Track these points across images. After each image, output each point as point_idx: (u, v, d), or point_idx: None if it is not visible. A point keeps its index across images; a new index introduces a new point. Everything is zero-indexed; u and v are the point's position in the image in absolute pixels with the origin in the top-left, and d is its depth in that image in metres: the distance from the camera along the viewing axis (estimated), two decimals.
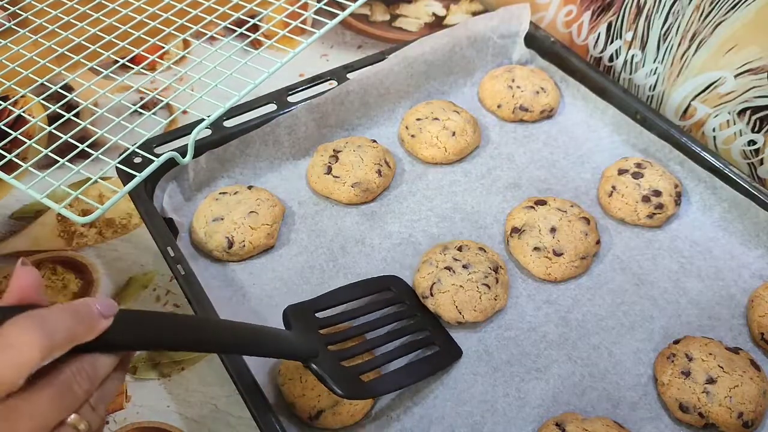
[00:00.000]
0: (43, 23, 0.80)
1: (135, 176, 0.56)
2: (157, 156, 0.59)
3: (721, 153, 0.68)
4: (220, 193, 0.60)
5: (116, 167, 0.59)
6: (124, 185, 0.57)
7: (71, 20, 0.80)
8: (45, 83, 0.76)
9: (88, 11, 0.82)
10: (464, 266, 0.54)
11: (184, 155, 0.60)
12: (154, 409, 0.52)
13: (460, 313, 0.53)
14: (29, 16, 0.78)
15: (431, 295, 0.54)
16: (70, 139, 0.64)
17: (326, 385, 0.45)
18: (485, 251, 0.56)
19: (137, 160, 0.59)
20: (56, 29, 0.79)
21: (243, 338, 0.43)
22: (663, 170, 0.63)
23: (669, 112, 0.72)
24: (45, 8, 0.81)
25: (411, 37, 0.83)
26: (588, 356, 0.53)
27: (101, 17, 0.81)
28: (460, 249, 0.56)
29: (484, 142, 0.69)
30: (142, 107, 0.64)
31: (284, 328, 0.48)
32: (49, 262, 0.60)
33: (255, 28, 0.76)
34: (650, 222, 0.61)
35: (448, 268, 0.54)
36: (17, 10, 0.81)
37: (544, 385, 0.51)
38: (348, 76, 0.68)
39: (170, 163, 0.60)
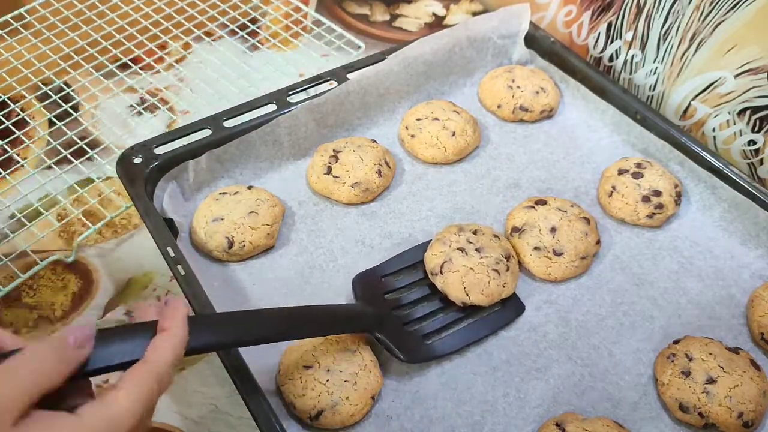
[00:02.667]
0: (44, 26, 0.80)
1: (135, 176, 0.56)
2: (157, 156, 0.59)
3: (721, 153, 0.68)
4: (220, 194, 0.60)
5: (116, 168, 0.59)
6: (124, 185, 0.58)
7: (74, 21, 0.80)
8: (45, 84, 0.76)
9: (90, 14, 0.82)
10: (477, 249, 0.55)
11: (184, 156, 0.60)
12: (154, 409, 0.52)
13: (467, 294, 0.53)
14: (32, 20, 0.78)
15: (441, 273, 0.54)
16: (70, 140, 0.64)
17: (392, 353, 0.50)
18: (499, 239, 0.57)
19: (137, 160, 0.59)
20: (58, 30, 0.79)
21: (316, 320, 0.47)
22: (663, 170, 0.63)
23: (669, 112, 0.72)
24: (46, 9, 0.81)
25: (411, 37, 0.83)
26: (588, 356, 0.53)
27: (103, 19, 0.81)
28: (475, 233, 0.56)
29: (484, 142, 0.69)
30: (142, 108, 0.64)
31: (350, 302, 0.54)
32: (49, 262, 0.60)
33: (254, 33, 0.76)
34: (650, 222, 0.61)
35: (461, 249, 0.55)
36: (23, 12, 0.81)
37: (544, 385, 0.51)
38: (348, 76, 0.68)
39: (170, 164, 0.60)
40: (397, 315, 0.53)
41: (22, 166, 0.69)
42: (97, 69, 0.77)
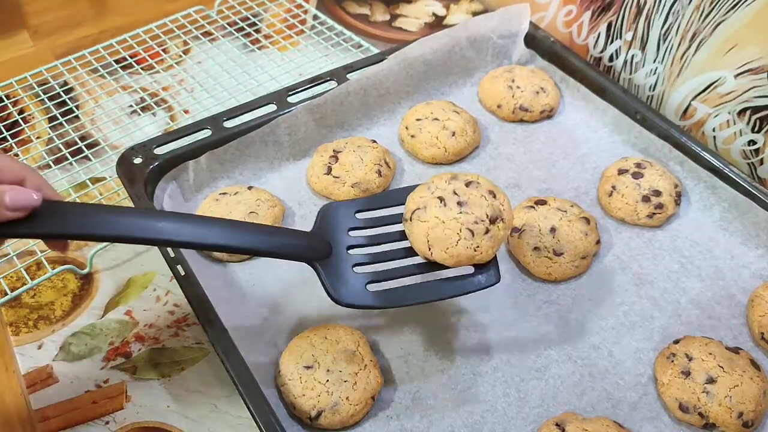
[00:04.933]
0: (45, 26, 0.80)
1: (135, 176, 0.56)
2: (157, 156, 0.60)
3: (721, 153, 0.68)
4: (220, 194, 0.60)
5: (116, 168, 0.59)
6: (124, 185, 0.58)
7: (74, 20, 0.80)
8: (46, 83, 0.76)
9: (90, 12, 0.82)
10: (459, 203, 0.48)
11: (185, 157, 0.60)
12: (154, 409, 0.52)
13: (429, 248, 0.48)
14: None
15: (410, 220, 0.49)
16: (70, 140, 0.64)
17: (324, 288, 0.47)
18: (495, 197, 0.49)
19: (137, 160, 0.59)
20: (58, 29, 0.79)
21: (230, 230, 0.44)
22: (663, 170, 0.63)
23: (669, 112, 0.72)
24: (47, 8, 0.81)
25: (411, 37, 0.83)
26: (588, 356, 0.53)
27: (104, 18, 0.81)
28: (468, 184, 0.49)
29: (484, 142, 0.69)
30: (142, 108, 0.65)
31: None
32: (49, 262, 0.60)
33: (255, 32, 0.76)
34: (650, 222, 0.61)
35: (441, 199, 0.48)
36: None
37: (544, 385, 0.51)
38: (348, 76, 0.68)
39: (170, 164, 0.60)
40: (348, 253, 0.49)
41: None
42: (98, 69, 0.77)
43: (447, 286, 0.48)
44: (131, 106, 0.76)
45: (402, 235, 0.50)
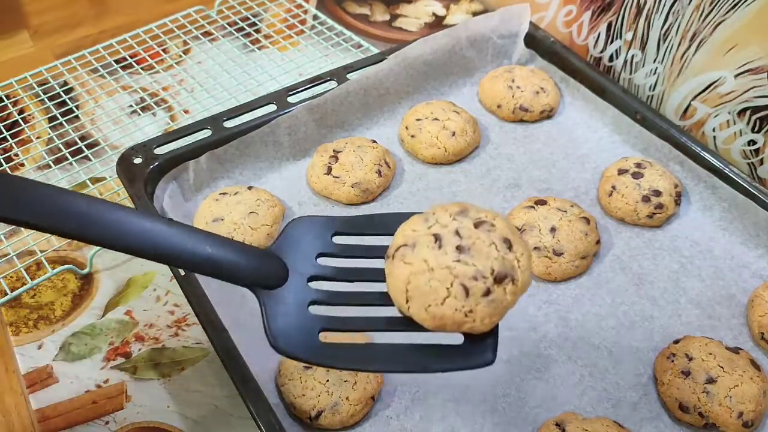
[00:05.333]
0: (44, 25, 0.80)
1: (135, 176, 0.56)
2: (157, 156, 0.59)
3: (721, 153, 0.68)
4: (220, 194, 0.60)
5: (116, 168, 0.59)
6: (124, 185, 0.58)
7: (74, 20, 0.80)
8: (46, 83, 0.76)
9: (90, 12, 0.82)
10: (458, 247, 0.37)
11: (185, 157, 0.60)
12: (154, 409, 0.52)
13: (406, 301, 0.37)
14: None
15: (393, 257, 0.38)
16: (70, 140, 0.64)
17: (264, 327, 0.37)
18: (511, 248, 0.37)
19: (137, 160, 0.59)
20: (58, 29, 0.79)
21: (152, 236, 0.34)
22: (663, 170, 0.63)
23: (669, 112, 0.72)
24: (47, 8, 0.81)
25: (411, 37, 0.83)
26: (588, 356, 0.53)
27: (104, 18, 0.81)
28: (478, 224, 0.37)
29: (484, 142, 0.69)
30: (142, 108, 0.65)
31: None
32: (49, 262, 0.60)
33: (255, 32, 0.76)
34: (650, 222, 0.61)
35: (436, 237, 0.37)
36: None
37: (544, 385, 0.51)
38: (348, 76, 0.68)
39: (170, 164, 0.60)
40: (308, 286, 0.38)
41: (23, 164, 0.69)
42: (98, 69, 0.77)
43: (421, 356, 0.37)
44: (131, 106, 0.76)
45: (378, 274, 0.38)
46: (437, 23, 0.88)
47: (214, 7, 0.86)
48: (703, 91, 0.68)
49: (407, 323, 0.37)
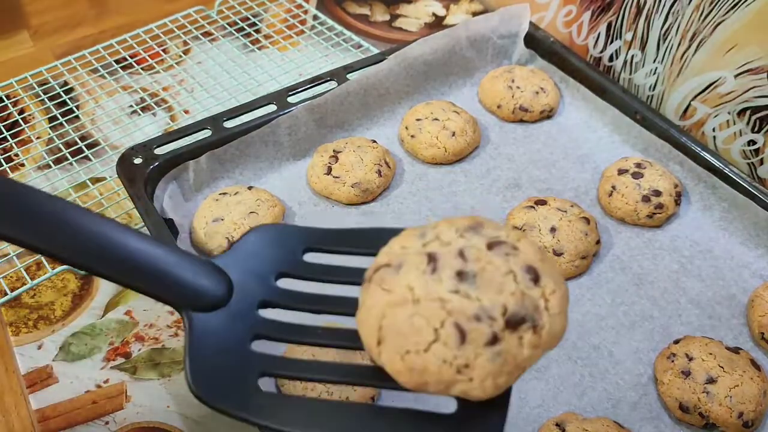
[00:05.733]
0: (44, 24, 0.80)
1: (135, 176, 0.56)
2: (158, 156, 0.59)
3: (721, 153, 0.68)
4: (220, 194, 0.60)
5: (116, 168, 0.59)
6: (125, 185, 0.58)
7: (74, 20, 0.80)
8: (46, 83, 0.76)
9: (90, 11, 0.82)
10: (460, 273, 0.27)
11: (185, 157, 0.60)
12: (154, 409, 0.52)
13: (378, 343, 0.27)
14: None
15: (370, 281, 0.28)
16: (70, 140, 0.64)
17: (184, 364, 0.28)
18: (537, 281, 0.28)
19: (137, 160, 0.59)
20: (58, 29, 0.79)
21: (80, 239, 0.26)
22: (663, 170, 0.63)
23: (669, 112, 0.72)
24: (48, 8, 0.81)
25: (411, 37, 0.83)
26: (588, 356, 0.53)
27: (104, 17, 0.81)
28: (492, 246, 0.28)
29: (484, 142, 0.69)
30: (142, 108, 0.65)
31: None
32: (49, 262, 0.60)
33: (255, 32, 0.76)
34: (650, 222, 0.61)
35: (431, 258, 0.27)
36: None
37: (544, 385, 0.51)
38: (348, 76, 0.68)
39: (171, 164, 0.60)
40: (256, 315, 0.30)
41: (23, 165, 0.69)
42: (98, 69, 0.77)
43: (391, 426, 0.27)
44: (131, 106, 0.76)
45: (350, 305, 0.29)
46: (437, 23, 0.88)
47: (214, 7, 0.86)
48: (703, 91, 0.68)
49: (378, 376, 0.27)
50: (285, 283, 0.31)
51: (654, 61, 0.72)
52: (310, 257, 0.32)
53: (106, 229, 0.28)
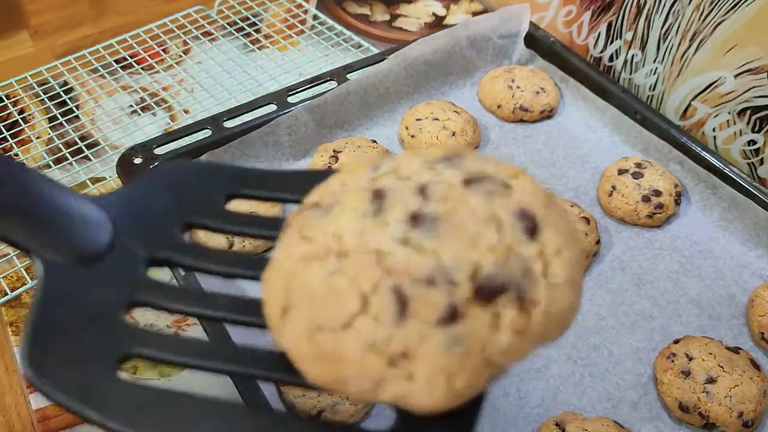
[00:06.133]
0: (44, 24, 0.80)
1: (135, 176, 0.56)
2: (158, 157, 0.59)
3: (721, 153, 0.68)
4: None
5: (116, 168, 0.59)
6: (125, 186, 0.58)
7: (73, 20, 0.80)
8: (46, 83, 0.76)
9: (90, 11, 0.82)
10: (414, 217, 0.19)
11: (185, 157, 0.60)
12: None
13: (282, 313, 0.21)
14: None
15: (288, 226, 0.24)
16: (70, 140, 0.64)
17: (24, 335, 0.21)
18: (534, 234, 0.19)
19: (137, 160, 0.59)
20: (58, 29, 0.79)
21: None
22: (663, 170, 0.63)
23: (669, 112, 0.72)
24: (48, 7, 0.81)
25: (411, 37, 0.83)
26: (588, 356, 0.53)
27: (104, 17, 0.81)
28: (471, 181, 0.20)
29: (484, 142, 0.69)
30: (142, 108, 0.64)
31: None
32: None
33: (255, 32, 0.76)
34: (650, 222, 0.61)
35: (378, 194, 0.20)
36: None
37: (544, 385, 0.51)
38: (348, 76, 0.68)
39: None
40: (137, 275, 0.23)
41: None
42: (98, 69, 0.77)
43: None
44: (131, 106, 0.76)
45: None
46: (437, 23, 0.88)
47: (214, 7, 0.86)
48: (703, 91, 0.68)
49: (281, 366, 0.19)
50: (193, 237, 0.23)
51: (654, 61, 0.72)
52: (235, 206, 0.24)
53: None
